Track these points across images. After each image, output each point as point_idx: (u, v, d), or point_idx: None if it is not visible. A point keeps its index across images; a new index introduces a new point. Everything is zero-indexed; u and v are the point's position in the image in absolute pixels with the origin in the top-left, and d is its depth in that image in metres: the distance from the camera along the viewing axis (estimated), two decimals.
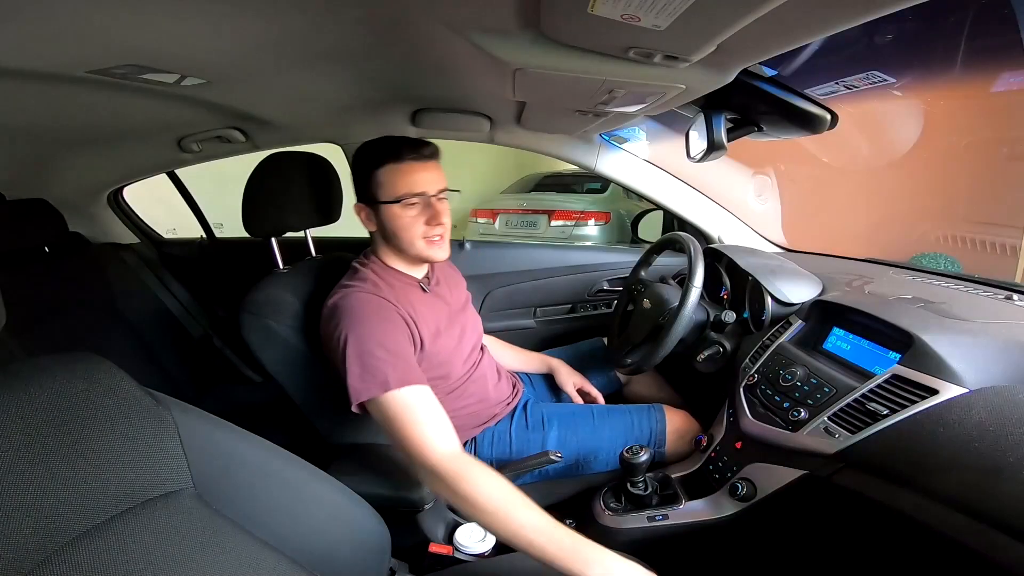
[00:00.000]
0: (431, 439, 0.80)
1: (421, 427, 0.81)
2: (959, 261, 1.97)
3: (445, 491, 0.78)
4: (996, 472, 0.57)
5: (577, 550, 0.67)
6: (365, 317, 0.89)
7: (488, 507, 0.73)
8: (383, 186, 0.95)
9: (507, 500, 0.73)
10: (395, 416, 0.82)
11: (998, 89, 2.18)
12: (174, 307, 1.84)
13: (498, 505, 0.73)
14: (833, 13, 0.53)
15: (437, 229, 0.97)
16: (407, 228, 0.96)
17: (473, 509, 0.74)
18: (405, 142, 0.96)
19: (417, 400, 0.84)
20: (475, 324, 1.18)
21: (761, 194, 2.17)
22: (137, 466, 0.48)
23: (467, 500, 0.74)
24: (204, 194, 2.01)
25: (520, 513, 0.72)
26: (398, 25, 0.73)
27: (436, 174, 0.97)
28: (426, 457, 0.79)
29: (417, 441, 0.80)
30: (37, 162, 1.44)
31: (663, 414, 1.14)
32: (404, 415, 0.82)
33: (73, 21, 0.58)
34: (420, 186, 0.94)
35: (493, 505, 0.73)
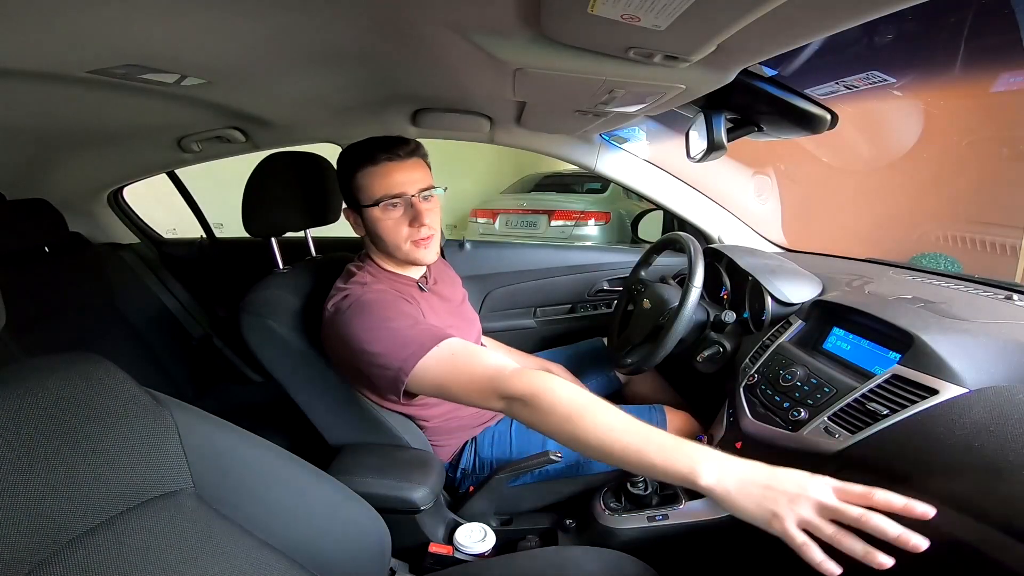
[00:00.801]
0: (495, 368, 0.76)
1: (478, 365, 0.78)
2: (959, 261, 1.97)
3: (525, 413, 0.72)
4: (996, 472, 0.57)
5: (680, 448, 0.61)
6: (369, 308, 0.87)
7: (570, 416, 0.67)
8: (362, 190, 0.94)
9: (589, 406, 0.67)
10: (448, 369, 0.79)
11: (998, 89, 2.18)
12: (174, 307, 1.84)
13: (580, 411, 0.67)
14: (833, 13, 0.53)
15: (422, 230, 0.94)
16: (391, 231, 0.94)
17: (554, 421, 0.68)
18: (379, 143, 0.93)
19: (457, 347, 0.81)
20: (473, 321, 1.18)
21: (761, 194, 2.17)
22: (137, 466, 0.48)
23: (548, 413, 0.68)
24: (204, 194, 2.01)
25: (607, 417, 0.66)
26: (398, 25, 0.73)
27: (416, 173, 0.94)
28: (500, 386, 0.73)
29: (485, 377, 0.76)
30: (37, 162, 1.44)
31: (664, 415, 1.14)
32: (456, 362, 0.79)
33: (73, 21, 0.58)
34: (398, 187, 0.92)
35: (575, 412, 0.67)
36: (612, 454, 0.64)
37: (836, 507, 0.54)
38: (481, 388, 0.76)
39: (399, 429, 1.00)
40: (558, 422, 0.68)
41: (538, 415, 0.70)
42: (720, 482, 0.58)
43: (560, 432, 0.69)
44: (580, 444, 0.67)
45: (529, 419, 0.73)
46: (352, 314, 0.87)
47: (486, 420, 1.12)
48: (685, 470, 0.59)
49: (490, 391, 0.75)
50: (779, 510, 0.55)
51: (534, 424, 0.73)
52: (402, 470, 0.93)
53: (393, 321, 0.84)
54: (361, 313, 0.86)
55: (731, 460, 0.60)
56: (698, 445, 0.62)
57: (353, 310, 0.87)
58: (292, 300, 0.99)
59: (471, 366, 0.78)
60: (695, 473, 0.58)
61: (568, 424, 0.67)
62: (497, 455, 1.09)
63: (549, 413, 0.69)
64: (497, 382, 0.74)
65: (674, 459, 0.60)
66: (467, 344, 0.82)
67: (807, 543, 0.53)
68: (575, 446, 0.68)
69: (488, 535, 0.96)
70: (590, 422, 0.66)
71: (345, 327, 0.87)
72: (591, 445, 0.65)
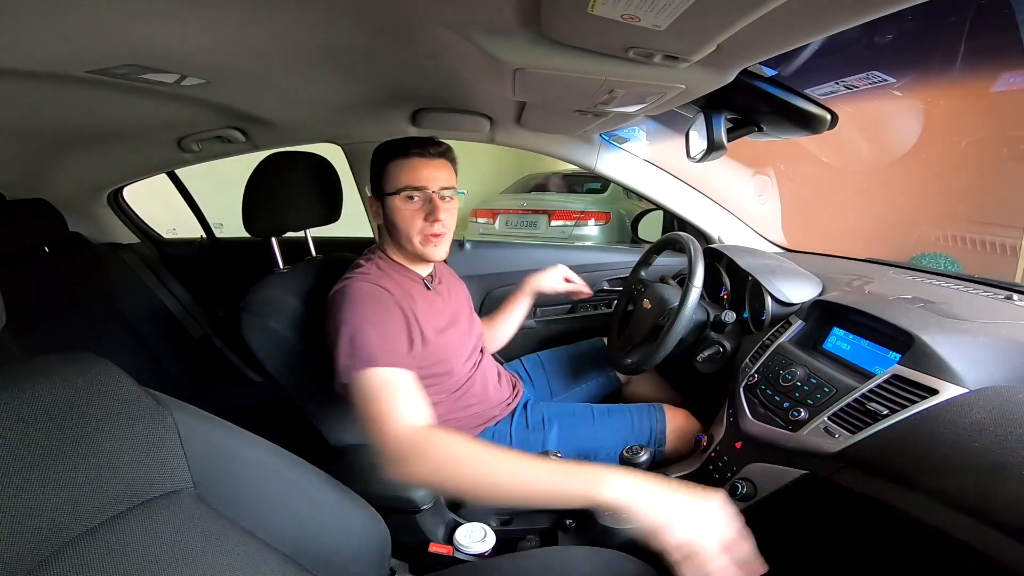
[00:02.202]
0: (404, 410, 0.76)
1: (395, 400, 0.77)
2: (959, 261, 1.97)
3: (415, 465, 0.70)
4: (996, 472, 0.57)
5: (578, 473, 0.62)
6: (360, 302, 0.89)
7: (469, 465, 0.65)
8: (388, 179, 0.98)
9: (480, 453, 0.66)
10: (372, 393, 0.78)
11: (998, 89, 2.18)
12: (174, 307, 1.84)
13: (471, 461, 0.66)
14: (833, 13, 0.53)
15: (435, 226, 0.97)
16: (405, 221, 0.98)
17: (446, 474, 0.67)
18: (413, 140, 0.99)
19: (399, 380, 0.81)
20: (476, 325, 1.18)
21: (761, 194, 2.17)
22: (137, 466, 0.48)
23: (438, 466, 0.67)
24: (204, 194, 2.01)
25: (504, 463, 0.65)
26: (398, 25, 0.73)
27: (441, 172, 0.98)
28: (391, 425, 0.73)
29: (388, 413, 0.75)
30: (37, 162, 1.44)
31: (664, 414, 1.14)
32: (382, 393, 0.78)
33: (73, 21, 0.58)
34: (420, 180, 0.96)
35: (473, 461, 0.65)
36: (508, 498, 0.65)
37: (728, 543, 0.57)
38: (378, 429, 0.75)
39: None
40: (445, 477, 0.68)
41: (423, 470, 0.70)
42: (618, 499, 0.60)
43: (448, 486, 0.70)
44: (474, 495, 0.68)
45: (416, 474, 0.72)
46: (345, 299, 0.89)
47: (486, 420, 1.12)
48: (582, 491, 0.60)
49: (381, 427, 0.74)
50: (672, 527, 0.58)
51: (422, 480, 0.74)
52: None
53: (369, 322, 0.86)
54: (352, 301, 0.88)
55: (631, 478, 0.61)
56: (597, 467, 0.62)
57: (347, 296, 0.90)
58: (292, 300, 0.99)
59: (384, 404, 0.77)
60: (594, 492, 0.60)
61: (457, 478, 0.67)
62: None
63: (433, 468, 0.68)
64: (389, 423, 0.73)
65: (570, 485, 0.61)
66: (403, 384, 0.80)
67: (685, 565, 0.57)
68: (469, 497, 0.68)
69: (488, 535, 0.96)
70: (479, 474, 0.66)
71: (335, 309, 0.89)
72: (485, 494, 0.66)
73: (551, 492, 0.63)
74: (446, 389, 1.05)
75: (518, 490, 0.64)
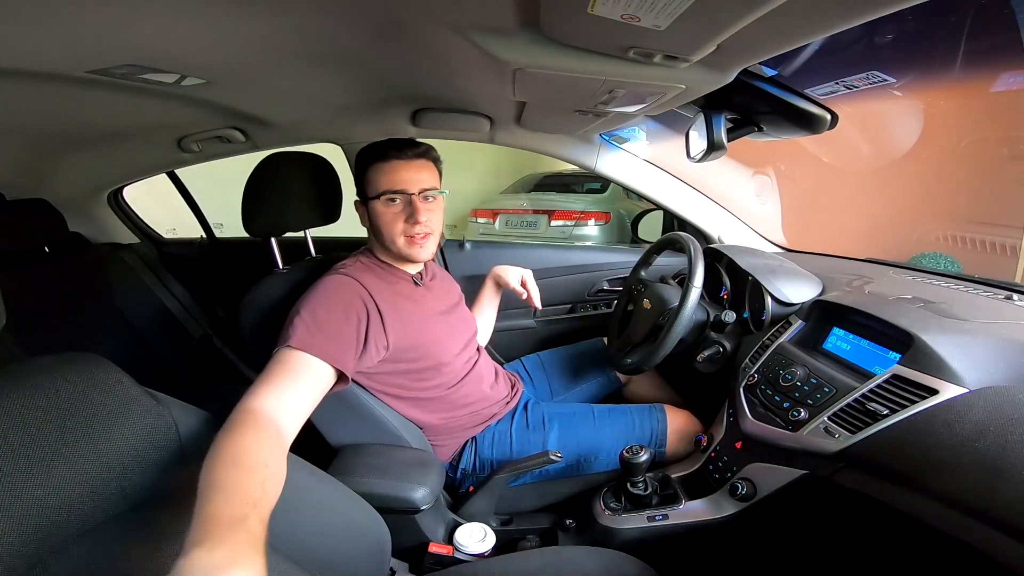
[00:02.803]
0: (266, 391, 0.73)
1: (274, 381, 0.75)
2: (959, 261, 1.97)
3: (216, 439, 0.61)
4: (996, 472, 0.57)
5: (206, 524, 0.48)
6: (322, 289, 0.90)
7: (208, 462, 0.56)
8: (370, 183, 1.00)
9: (222, 466, 0.56)
10: (271, 367, 0.77)
11: (998, 89, 2.18)
12: (174, 307, 1.84)
13: (214, 465, 0.55)
14: (833, 13, 0.53)
15: (417, 228, 0.98)
16: (388, 224, 0.99)
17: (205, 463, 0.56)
18: (392, 143, 0.99)
19: (299, 367, 0.78)
20: (468, 321, 1.18)
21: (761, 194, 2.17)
22: (137, 466, 0.48)
23: (209, 452, 0.57)
24: (204, 194, 2.01)
25: (219, 471, 0.55)
26: (398, 25, 0.73)
27: (421, 174, 0.99)
28: (243, 402, 0.70)
29: (255, 387, 0.73)
30: (37, 162, 1.44)
31: (664, 414, 1.14)
32: (275, 369, 0.77)
33: (73, 21, 0.58)
34: (400, 184, 0.97)
35: (211, 462, 0.56)
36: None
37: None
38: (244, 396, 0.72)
39: (399, 429, 1.00)
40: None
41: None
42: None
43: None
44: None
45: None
46: (313, 288, 0.91)
47: (486, 420, 1.12)
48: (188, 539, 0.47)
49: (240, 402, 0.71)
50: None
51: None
52: (402, 470, 0.93)
53: (311, 312, 0.85)
54: (315, 289, 0.90)
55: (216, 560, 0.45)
56: (230, 537, 0.47)
57: (316, 285, 0.92)
58: (292, 300, 0.99)
59: (262, 377, 0.76)
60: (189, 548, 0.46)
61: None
62: (497, 455, 1.09)
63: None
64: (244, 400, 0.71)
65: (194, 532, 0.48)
66: (299, 371, 0.78)
67: None
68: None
69: (488, 535, 0.96)
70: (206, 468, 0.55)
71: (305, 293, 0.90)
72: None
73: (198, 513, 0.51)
74: (440, 385, 1.05)
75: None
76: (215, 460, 0.56)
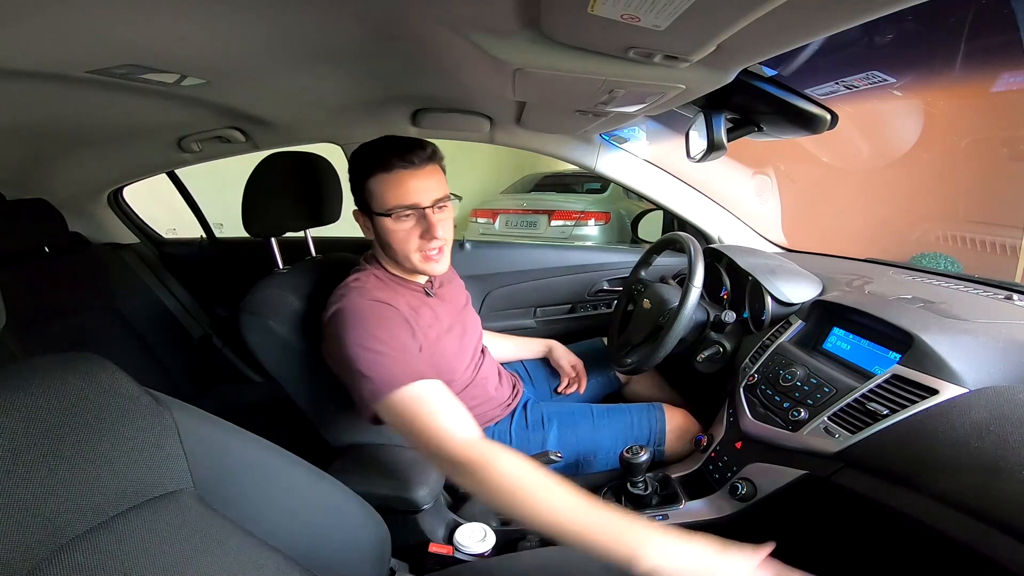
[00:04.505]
0: (450, 428, 0.75)
1: (437, 418, 0.76)
2: (959, 261, 1.97)
3: (471, 482, 0.71)
4: (996, 472, 0.57)
5: (623, 533, 0.60)
6: (364, 319, 0.85)
7: (515, 492, 0.66)
8: (374, 197, 0.90)
9: (536, 485, 0.66)
10: (409, 412, 0.77)
11: (998, 89, 2.18)
12: (174, 307, 1.84)
13: (524, 490, 0.65)
14: (833, 13, 0.53)
15: (433, 243, 0.91)
16: (401, 242, 0.91)
17: (499, 497, 0.67)
18: (394, 148, 0.89)
19: (430, 393, 0.79)
20: (475, 324, 1.18)
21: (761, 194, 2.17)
22: (137, 466, 0.48)
23: (491, 488, 0.68)
24: (204, 194, 2.01)
25: (550, 497, 0.64)
26: (398, 25, 0.73)
27: (431, 181, 0.90)
28: (446, 447, 0.72)
29: (435, 432, 0.74)
30: (37, 162, 1.44)
31: (663, 413, 1.14)
32: (418, 409, 0.77)
33: (73, 21, 0.58)
34: (411, 197, 0.88)
35: (520, 490, 0.66)
36: (556, 534, 0.63)
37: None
38: (426, 445, 0.75)
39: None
40: (500, 500, 0.68)
41: (479, 488, 0.70)
42: (657, 571, 0.57)
43: (502, 508, 0.69)
44: (524, 522, 0.66)
45: (471, 489, 0.73)
46: (346, 322, 0.85)
47: (486, 421, 1.12)
48: (625, 554, 0.58)
49: (433, 450, 0.74)
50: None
51: (476, 495, 0.73)
52: (402, 470, 0.93)
53: (381, 343, 0.82)
54: (355, 324, 0.85)
55: (678, 545, 0.58)
56: (647, 527, 0.60)
57: (347, 318, 0.86)
58: (292, 300, 0.99)
59: (426, 420, 0.76)
60: (635, 558, 0.57)
61: (511, 503, 0.66)
62: None
63: (491, 489, 0.68)
64: (443, 446, 0.73)
65: (615, 543, 0.59)
66: (437, 393, 0.79)
67: None
68: (519, 522, 0.67)
69: (488, 535, 0.96)
70: (533, 504, 0.65)
71: (338, 333, 0.85)
72: (534, 524, 0.65)
73: (594, 547, 0.61)
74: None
75: (565, 534, 0.63)
76: (529, 501, 0.65)
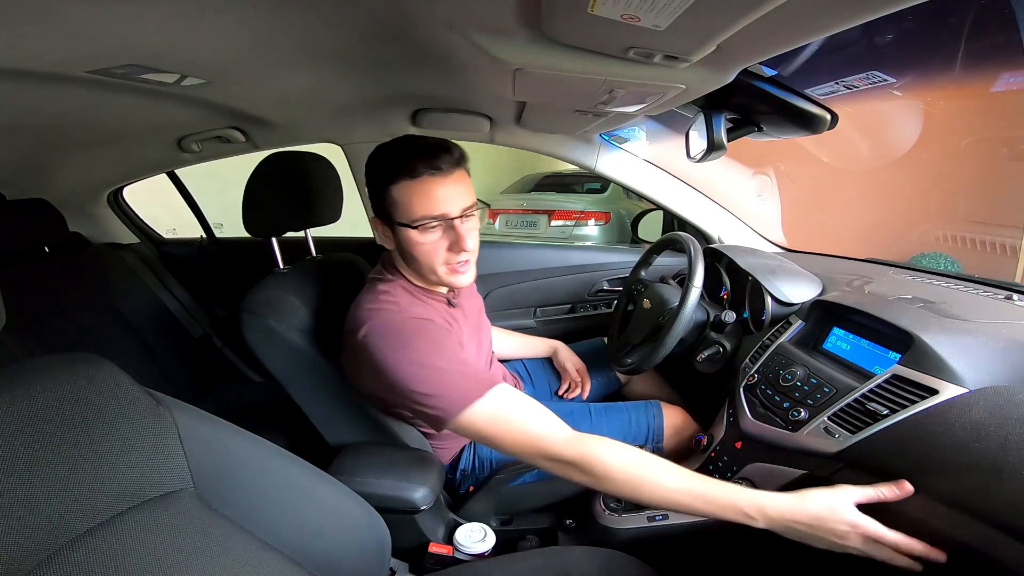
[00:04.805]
0: (543, 432, 0.77)
1: (526, 424, 0.78)
2: (959, 261, 1.97)
3: (578, 476, 0.76)
4: (996, 472, 0.57)
5: (736, 501, 0.70)
6: (411, 339, 0.81)
7: (629, 480, 0.73)
8: (398, 206, 0.83)
9: (644, 470, 0.73)
10: (494, 423, 0.78)
11: (998, 89, 2.18)
12: (174, 307, 1.84)
13: (637, 477, 0.73)
14: (833, 13, 0.53)
15: (461, 255, 0.86)
16: (426, 255, 0.86)
17: (612, 486, 0.74)
18: (421, 152, 0.82)
19: (507, 399, 0.79)
20: (489, 331, 1.17)
21: (761, 194, 2.17)
22: (137, 466, 0.48)
23: (604, 479, 0.74)
24: (204, 194, 2.01)
25: (663, 479, 0.72)
26: (398, 25, 0.73)
27: (459, 189, 0.84)
28: (548, 451, 0.76)
29: (531, 439, 0.77)
30: (37, 162, 1.44)
31: (660, 410, 1.14)
32: (503, 418, 0.78)
33: (73, 21, 0.58)
34: (440, 207, 0.82)
35: (633, 478, 0.73)
36: (675, 509, 0.74)
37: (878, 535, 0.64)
38: (526, 449, 0.78)
39: (399, 429, 1.00)
40: (614, 488, 0.75)
41: (591, 480, 0.76)
42: (770, 525, 0.69)
43: (619, 495, 0.77)
44: (642, 503, 0.75)
45: (583, 482, 0.77)
46: (390, 343, 0.81)
47: None
48: (740, 517, 0.69)
49: (536, 454, 0.78)
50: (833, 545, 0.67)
51: (589, 486, 0.78)
52: (402, 470, 0.93)
53: (440, 360, 0.80)
54: (402, 345, 0.80)
55: (767, 500, 0.69)
56: (751, 495, 0.70)
57: (391, 339, 0.81)
58: (292, 300, 0.99)
59: (518, 424, 0.78)
60: (750, 518, 0.69)
61: (625, 490, 0.75)
62: (497, 455, 1.09)
63: (604, 480, 0.74)
64: (545, 448, 0.77)
65: (731, 509, 0.70)
66: (513, 396, 0.80)
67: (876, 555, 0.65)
68: (638, 503, 0.77)
69: (488, 535, 0.96)
70: (647, 489, 0.73)
71: (382, 359, 0.81)
72: (652, 504, 0.75)
73: (714, 513, 0.71)
74: None
75: (687, 507, 0.72)
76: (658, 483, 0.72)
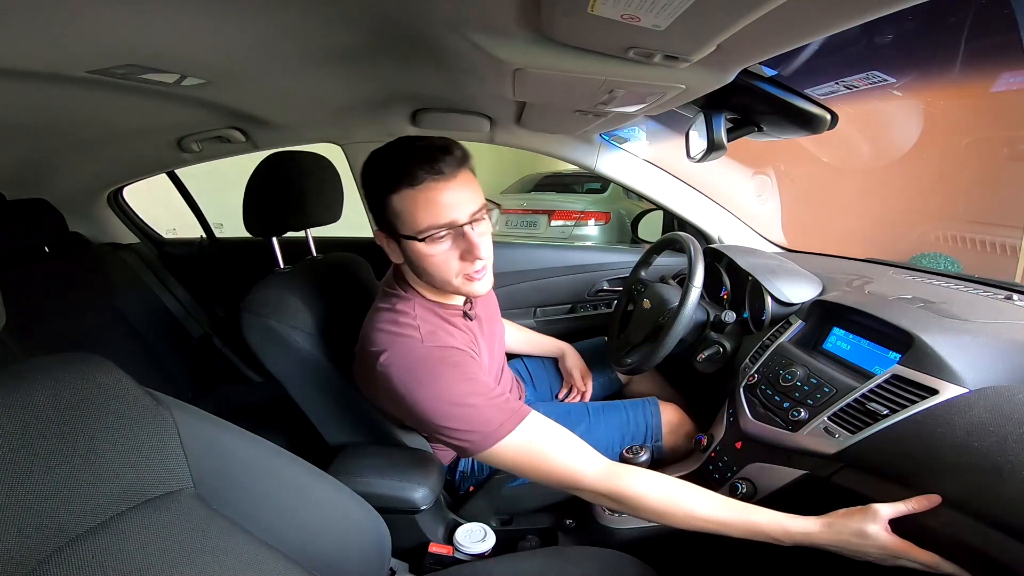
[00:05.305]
0: (576, 467, 0.77)
1: (557, 457, 0.77)
2: (959, 261, 1.97)
3: (610, 504, 0.79)
4: (996, 472, 0.57)
5: (761, 530, 0.71)
6: (437, 372, 0.78)
7: (663, 511, 0.74)
8: (401, 217, 0.77)
9: (677, 501, 0.74)
10: (526, 455, 0.78)
11: (998, 89, 2.18)
12: (174, 307, 1.84)
13: (671, 507, 0.74)
14: (833, 13, 0.53)
15: (476, 264, 0.80)
16: (439, 267, 0.79)
17: (649, 514, 0.75)
18: (418, 155, 0.75)
19: (537, 431, 0.79)
20: (502, 336, 1.16)
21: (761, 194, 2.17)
22: (137, 466, 0.48)
23: (639, 509, 0.75)
24: (204, 194, 2.01)
25: (696, 507, 0.73)
26: (398, 25, 0.73)
27: (466, 192, 0.77)
28: (581, 484, 0.77)
29: (564, 474, 0.77)
30: (37, 162, 1.44)
31: (657, 407, 1.15)
32: (534, 451, 0.78)
33: (73, 21, 0.58)
34: (446, 214, 0.76)
35: (667, 508, 0.74)
36: (710, 531, 0.74)
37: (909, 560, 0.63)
38: (558, 482, 0.79)
39: (399, 429, 1.00)
40: (645, 516, 0.76)
41: (623, 509, 0.77)
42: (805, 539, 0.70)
43: (655, 520, 0.77)
44: (678, 527, 0.75)
45: (620, 510, 0.80)
46: (414, 379, 0.78)
47: None
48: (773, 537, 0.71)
49: (568, 487, 0.79)
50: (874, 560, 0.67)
51: (625, 513, 0.80)
52: (402, 470, 0.93)
53: (469, 396, 0.78)
54: (429, 382, 0.77)
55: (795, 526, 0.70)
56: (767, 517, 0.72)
57: (414, 375, 0.78)
58: (293, 300, 0.99)
59: (550, 457, 0.78)
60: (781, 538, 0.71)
61: (656, 518, 0.76)
62: None
63: (636, 510, 0.76)
64: (578, 482, 0.77)
65: (764, 531, 0.72)
66: (544, 427, 0.80)
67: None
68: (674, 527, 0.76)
69: (488, 535, 0.96)
70: (680, 518, 0.74)
71: (406, 392, 0.78)
72: (687, 528, 0.74)
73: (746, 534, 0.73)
74: None
75: (721, 529, 0.73)
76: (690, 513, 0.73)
